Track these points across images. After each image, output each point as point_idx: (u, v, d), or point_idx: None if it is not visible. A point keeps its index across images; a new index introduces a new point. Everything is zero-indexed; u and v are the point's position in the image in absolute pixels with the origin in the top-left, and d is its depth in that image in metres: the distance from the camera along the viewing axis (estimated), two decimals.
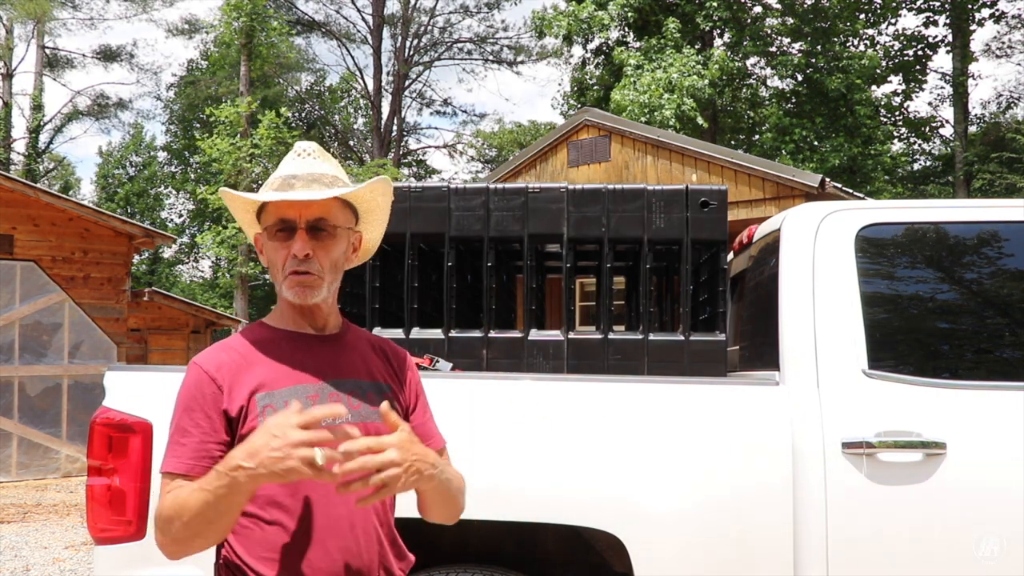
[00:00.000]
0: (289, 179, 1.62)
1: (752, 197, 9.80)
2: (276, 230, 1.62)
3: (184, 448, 1.53)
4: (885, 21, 24.76)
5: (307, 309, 1.65)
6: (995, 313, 2.69)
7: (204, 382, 1.57)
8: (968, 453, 2.41)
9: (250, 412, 1.55)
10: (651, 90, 18.52)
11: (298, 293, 1.61)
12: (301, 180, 1.62)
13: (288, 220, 1.61)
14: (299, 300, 1.61)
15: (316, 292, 1.62)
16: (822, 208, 2.71)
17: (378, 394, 1.67)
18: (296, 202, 1.59)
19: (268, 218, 1.64)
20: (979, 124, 26.90)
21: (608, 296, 3.11)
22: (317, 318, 1.67)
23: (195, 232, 30.94)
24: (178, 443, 1.54)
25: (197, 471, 1.51)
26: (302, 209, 1.60)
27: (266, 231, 1.64)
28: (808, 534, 2.40)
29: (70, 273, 10.16)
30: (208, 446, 1.53)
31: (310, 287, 1.61)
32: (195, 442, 1.53)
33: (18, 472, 9.70)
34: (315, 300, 1.62)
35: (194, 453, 1.52)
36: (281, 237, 1.61)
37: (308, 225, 1.60)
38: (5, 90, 30.78)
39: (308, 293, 1.61)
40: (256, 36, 24.43)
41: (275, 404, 1.55)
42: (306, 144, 1.70)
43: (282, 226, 1.61)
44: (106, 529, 2.40)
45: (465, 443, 2.48)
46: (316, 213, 1.61)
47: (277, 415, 1.39)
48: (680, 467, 2.43)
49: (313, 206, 1.61)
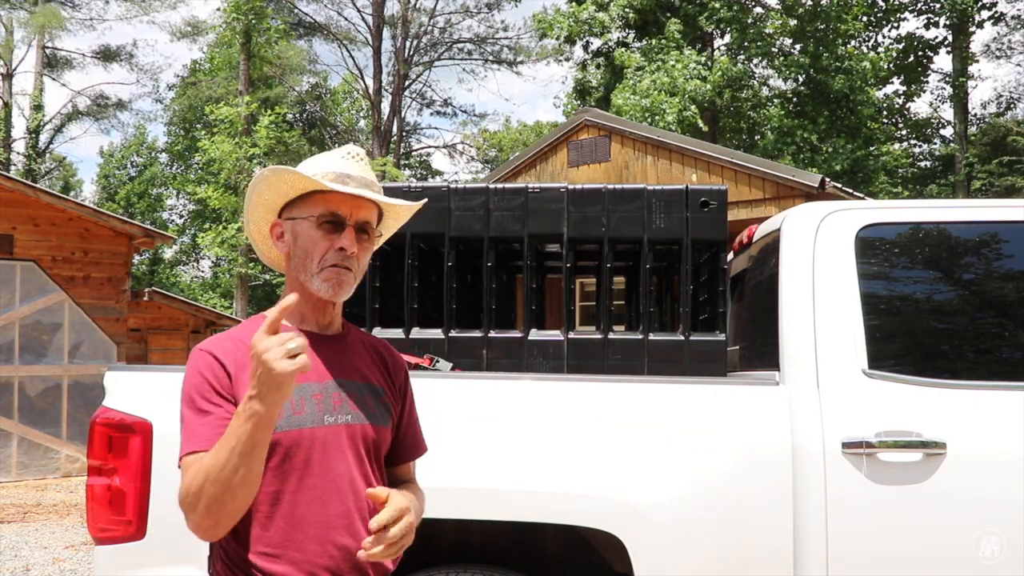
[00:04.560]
0: (343, 176, 1.63)
1: (752, 197, 9.80)
2: (324, 221, 1.62)
3: (205, 427, 1.49)
4: (888, 24, 24.76)
5: (320, 305, 1.66)
6: (995, 313, 2.69)
7: (214, 366, 1.56)
8: (968, 453, 2.41)
9: None
10: (652, 94, 18.52)
11: (333, 286, 1.62)
12: (355, 181, 1.64)
13: (339, 215, 1.62)
14: (330, 294, 1.63)
15: (348, 289, 1.64)
16: (822, 208, 2.71)
17: (374, 397, 1.68)
18: (350, 199, 1.62)
19: (314, 208, 1.63)
20: (979, 125, 26.90)
21: (608, 296, 3.11)
22: (327, 315, 1.68)
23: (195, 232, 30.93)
24: (198, 424, 1.50)
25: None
26: (355, 208, 1.63)
27: (309, 220, 1.63)
28: (808, 534, 2.40)
29: (70, 273, 10.16)
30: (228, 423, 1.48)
31: (344, 283, 1.63)
32: (215, 420, 1.49)
33: (18, 472, 9.70)
34: (344, 296, 1.65)
35: (216, 431, 1.47)
36: (327, 229, 1.62)
37: (357, 224, 1.64)
38: (5, 90, 30.79)
39: (342, 290, 1.63)
40: (255, 36, 24.44)
41: None
42: (356, 148, 1.73)
43: (332, 219, 1.62)
44: (106, 529, 2.40)
45: (465, 443, 2.48)
46: (365, 215, 1.65)
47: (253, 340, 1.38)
48: (680, 467, 2.43)
49: (364, 207, 1.65)
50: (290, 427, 1.55)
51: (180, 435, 1.52)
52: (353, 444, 1.61)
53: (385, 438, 1.69)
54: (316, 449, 1.57)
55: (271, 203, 1.70)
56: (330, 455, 1.58)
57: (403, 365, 1.81)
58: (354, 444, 1.61)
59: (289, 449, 1.55)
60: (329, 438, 1.58)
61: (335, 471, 1.58)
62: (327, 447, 1.58)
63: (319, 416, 1.58)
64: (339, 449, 1.59)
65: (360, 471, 1.61)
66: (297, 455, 1.55)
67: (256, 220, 1.74)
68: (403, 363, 1.82)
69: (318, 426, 1.58)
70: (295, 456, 1.55)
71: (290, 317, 1.67)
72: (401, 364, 1.81)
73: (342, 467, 1.58)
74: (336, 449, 1.59)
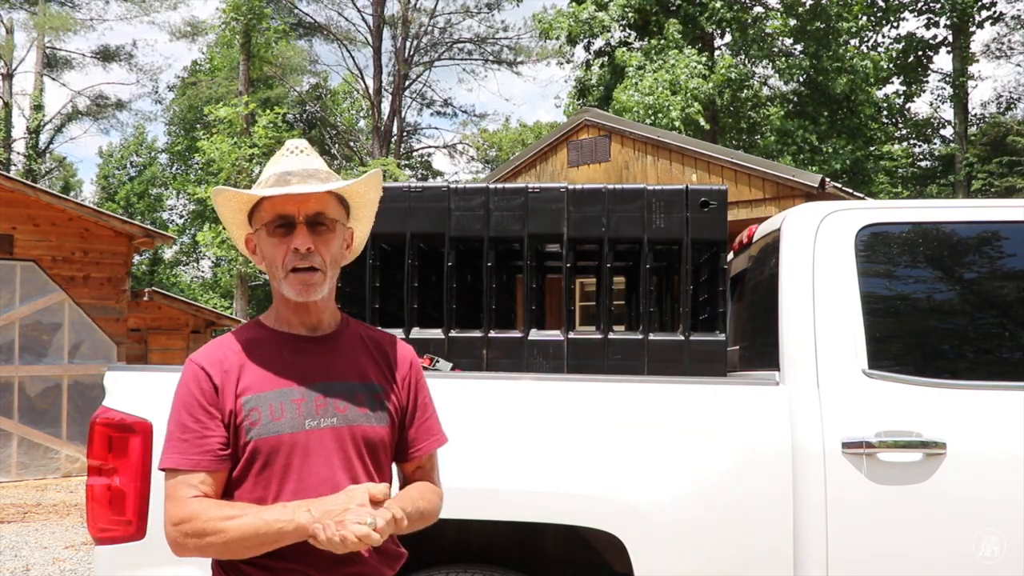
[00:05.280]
0: (284, 176, 1.62)
1: (752, 197, 9.80)
2: (275, 226, 1.61)
3: (186, 444, 1.53)
4: (888, 24, 24.76)
5: (302, 307, 1.64)
6: (995, 313, 2.69)
7: (201, 379, 1.57)
8: (968, 453, 2.41)
9: (238, 414, 1.56)
10: (656, 92, 18.52)
11: (300, 291, 1.60)
12: (296, 176, 1.61)
13: (287, 216, 1.60)
14: (302, 297, 1.61)
15: (318, 289, 1.62)
16: (822, 208, 2.71)
17: (369, 395, 1.66)
18: (295, 197, 1.59)
19: (264, 216, 1.63)
20: (979, 125, 26.90)
21: (608, 296, 3.11)
22: (312, 316, 1.66)
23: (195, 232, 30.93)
24: (179, 439, 1.54)
25: (203, 465, 1.52)
26: (300, 204, 1.60)
27: (263, 228, 1.63)
28: (808, 534, 2.40)
29: (70, 273, 10.15)
30: (209, 440, 1.54)
31: (313, 284, 1.61)
32: (196, 437, 1.53)
33: (18, 472, 9.70)
34: (317, 296, 1.62)
35: (198, 448, 1.53)
36: (280, 233, 1.61)
37: (307, 220, 1.61)
38: (5, 90, 30.79)
39: (311, 290, 1.61)
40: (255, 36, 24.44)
41: (260, 407, 1.56)
42: (297, 141, 1.71)
43: (281, 222, 1.61)
44: (106, 529, 2.40)
45: (465, 443, 2.48)
46: (315, 208, 1.61)
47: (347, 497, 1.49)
48: (680, 467, 2.43)
49: (311, 201, 1.61)
50: (268, 434, 1.55)
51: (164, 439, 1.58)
52: (341, 447, 1.59)
53: (383, 436, 1.66)
54: (296, 455, 1.56)
55: (236, 220, 1.70)
56: (311, 460, 1.57)
57: (409, 357, 1.78)
58: (342, 447, 1.59)
59: (268, 456, 1.55)
60: (311, 443, 1.57)
61: (317, 475, 1.56)
62: (308, 452, 1.57)
63: (299, 421, 1.57)
64: (322, 453, 1.57)
65: (347, 473, 1.59)
66: (276, 461, 1.55)
67: (237, 237, 1.75)
68: (409, 355, 1.79)
69: (298, 431, 1.57)
70: (275, 462, 1.55)
71: (277, 323, 1.67)
72: (406, 356, 1.77)
73: (325, 471, 1.57)
74: (318, 453, 1.57)
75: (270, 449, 1.55)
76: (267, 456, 1.55)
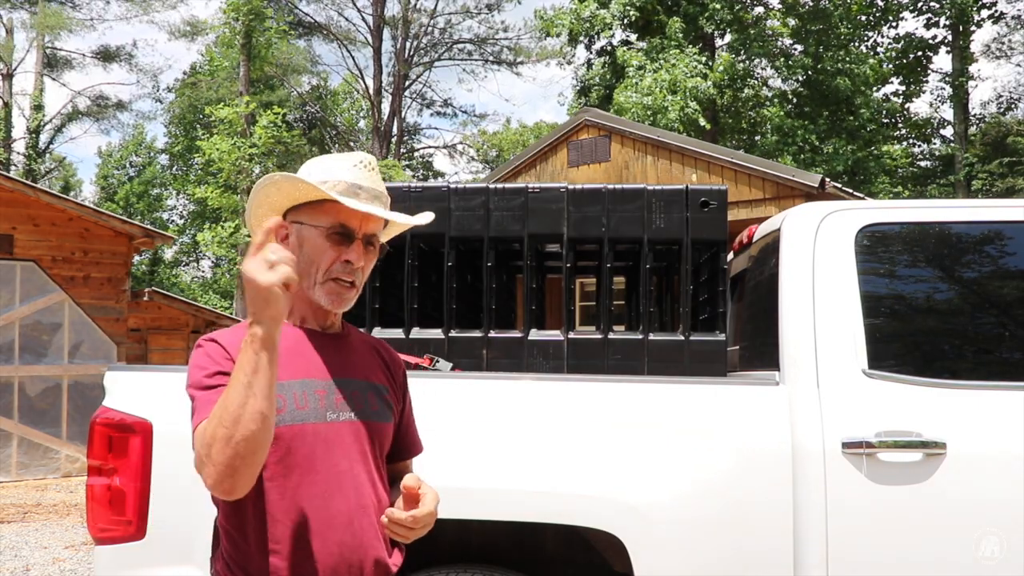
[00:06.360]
0: (355, 188, 1.65)
1: (752, 197, 9.80)
2: (333, 232, 1.63)
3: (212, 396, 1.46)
4: (887, 24, 24.77)
5: (321, 310, 1.68)
6: (995, 313, 2.69)
7: (217, 349, 1.56)
8: (968, 453, 2.41)
9: None
10: (655, 92, 18.53)
11: (334, 301, 1.65)
12: (365, 193, 1.65)
13: (349, 228, 1.64)
14: (333, 307, 1.65)
15: (350, 302, 1.67)
16: (822, 208, 2.71)
17: (377, 395, 1.70)
18: (360, 212, 1.63)
19: (324, 218, 1.64)
20: (979, 125, 26.90)
21: (608, 296, 3.11)
22: (328, 318, 1.70)
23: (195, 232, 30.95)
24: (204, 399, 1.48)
25: None
26: (365, 220, 1.65)
27: (319, 229, 1.64)
28: (808, 534, 2.40)
29: (70, 273, 10.15)
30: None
31: (348, 299, 1.66)
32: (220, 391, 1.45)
33: (18, 472, 9.70)
34: (345, 308, 1.67)
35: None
36: (336, 240, 1.63)
37: (364, 237, 1.65)
38: (5, 90, 30.78)
39: (343, 303, 1.66)
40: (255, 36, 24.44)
41: (284, 395, 1.55)
42: (367, 156, 1.73)
43: (341, 230, 1.63)
44: (106, 529, 2.40)
45: (465, 443, 2.48)
46: (373, 228, 1.67)
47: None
48: (680, 467, 2.43)
49: (373, 220, 1.66)
50: (293, 421, 1.55)
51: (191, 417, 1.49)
52: (357, 442, 1.62)
53: (388, 435, 1.71)
54: (319, 445, 1.57)
55: (277, 204, 1.70)
56: (333, 452, 1.58)
57: (402, 364, 1.84)
58: (358, 442, 1.62)
59: (291, 443, 1.55)
60: (332, 435, 1.59)
61: (338, 468, 1.58)
62: (330, 444, 1.58)
63: (322, 412, 1.59)
64: (342, 446, 1.60)
65: (363, 468, 1.62)
66: (299, 450, 1.56)
67: (259, 217, 1.74)
68: (401, 362, 1.84)
69: (320, 422, 1.58)
70: (297, 451, 1.56)
71: (291, 317, 1.68)
72: (400, 363, 1.83)
73: (344, 464, 1.59)
74: (339, 446, 1.59)
75: (293, 436, 1.55)
76: (289, 443, 1.54)
